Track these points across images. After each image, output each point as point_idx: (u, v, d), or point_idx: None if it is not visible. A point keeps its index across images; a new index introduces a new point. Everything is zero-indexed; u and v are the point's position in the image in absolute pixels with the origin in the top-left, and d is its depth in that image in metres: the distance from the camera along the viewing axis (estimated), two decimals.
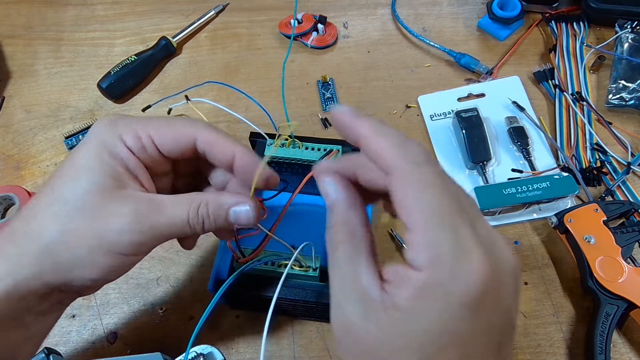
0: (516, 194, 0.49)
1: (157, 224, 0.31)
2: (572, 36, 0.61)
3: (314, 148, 0.45)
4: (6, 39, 0.67)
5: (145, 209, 0.30)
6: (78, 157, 0.31)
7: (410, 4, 0.67)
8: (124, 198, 0.30)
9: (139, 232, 0.30)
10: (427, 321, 0.23)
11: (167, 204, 0.31)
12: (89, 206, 0.30)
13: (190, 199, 0.32)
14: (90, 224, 0.30)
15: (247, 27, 0.67)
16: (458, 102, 0.58)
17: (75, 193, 0.30)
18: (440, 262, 0.23)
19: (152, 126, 0.32)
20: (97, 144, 0.31)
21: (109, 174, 0.30)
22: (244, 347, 0.46)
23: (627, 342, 0.45)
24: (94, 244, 0.30)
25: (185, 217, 0.31)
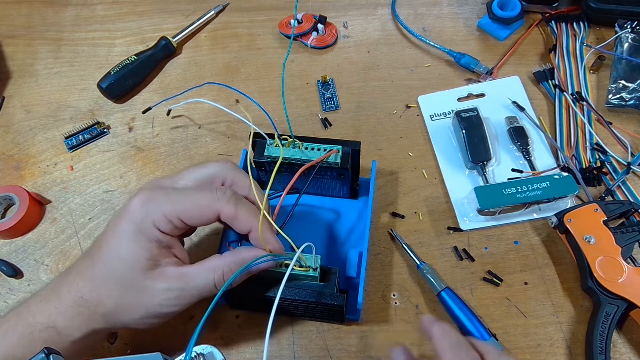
0: (516, 194, 0.49)
1: (188, 294, 0.38)
2: (572, 36, 0.61)
3: (313, 148, 0.45)
4: (6, 39, 0.67)
5: (176, 284, 0.38)
6: (120, 240, 0.38)
7: (410, 4, 0.67)
8: (159, 277, 0.38)
9: (174, 305, 0.38)
10: None
11: (194, 275, 0.38)
12: (134, 285, 0.37)
13: (213, 268, 0.38)
14: (138, 299, 0.38)
15: (247, 27, 0.67)
16: (458, 102, 0.58)
17: (123, 273, 0.37)
18: None
19: (180, 208, 0.38)
20: (134, 229, 0.38)
21: (146, 257, 0.37)
22: (244, 347, 0.46)
23: (627, 342, 0.45)
24: (143, 313, 0.38)
25: (212, 283, 0.38)
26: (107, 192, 0.55)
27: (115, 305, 0.38)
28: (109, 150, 0.58)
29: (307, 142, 0.45)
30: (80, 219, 0.54)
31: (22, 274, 0.51)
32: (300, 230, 0.49)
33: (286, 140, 0.45)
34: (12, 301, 0.49)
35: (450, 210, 0.52)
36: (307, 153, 0.44)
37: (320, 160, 0.43)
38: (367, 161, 0.53)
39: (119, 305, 0.38)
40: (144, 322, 0.39)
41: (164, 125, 0.59)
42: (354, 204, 0.51)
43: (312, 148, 0.45)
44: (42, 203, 0.55)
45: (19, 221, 0.51)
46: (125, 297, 0.37)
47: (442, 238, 0.51)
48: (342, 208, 0.51)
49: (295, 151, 0.45)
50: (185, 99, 0.58)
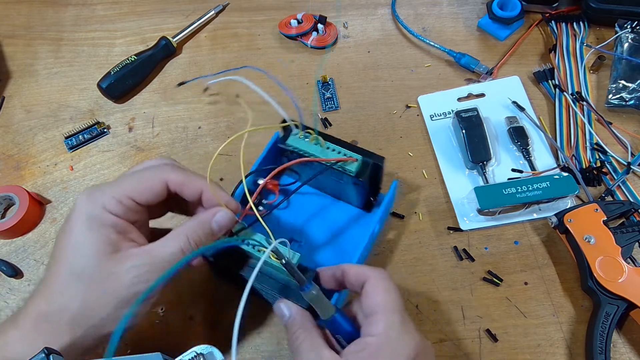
0: (516, 194, 0.49)
1: (158, 268, 0.35)
2: (572, 36, 0.61)
3: (334, 150, 0.44)
4: (6, 39, 0.67)
5: (143, 259, 0.35)
6: (74, 234, 0.36)
7: (410, 4, 0.67)
8: (123, 259, 0.35)
9: (146, 280, 0.35)
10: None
11: (160, 248, 0.36)
12: (97, 273, 0.35)
13: (177, 235, 0.37)
14: (105, 287, 0.34)
15: (247, 27, 0.67)
16: (458, 102, 0.58)
17: (82, 265, 0.35)
18: (392, 330, 0.34)
19: (127, 188, 0.37)
20: (86, 218, 0.36)
21: (104, 242, 0.35)
22: (244, 347, 0.46)
23: (627, 342, 0.45)
24: (115, 303, 0.35)
25: (179, 250, 0.36)
26: None
27: (82, 303, 0.34)
28: (109, 150, 0.58)
29: (331, 143, 0.45)
30: None
31: (22, 274, 0.51)
32: (305, 226, 0.49)
33: (310, 134, 0.45)
34: (12, 301, 0.49)
35: (450, 210, 0.52)
36: (326, 152, 0.44)
37: (327, 160, 0.43)
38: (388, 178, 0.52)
39: (87, 302, 0.34)
40: (120, 316, 0.35)
41: (164, 125, 0.59)
42: (366, 216, 0.50)
43: (334, 150, 0.44)
44: (42, 203, 0.55)
45: (19, 221, 0.51)
46: (92, 291, 0.34)
47: (442, 238, 0.51)
48: (353, 217, 0.50)
49: (316, 148, 0.44)
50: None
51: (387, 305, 0.35)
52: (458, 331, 0.46)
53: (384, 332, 0.34)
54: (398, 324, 0.34)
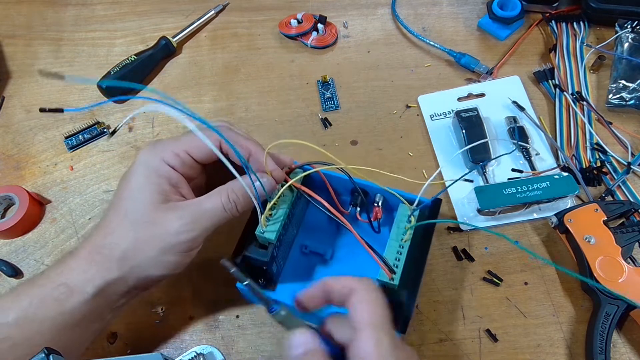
0: (516, 194, 0.49)
1: (201, 219, 0.39)
2: (572, 36, 0.61)
3: (400, 253, 0.41)
4: (6, 39, 0.67)
5: (188, 211, 0.38)
6: (133, 181, 0.39)
7: (410, 4, 0.67)
8: (172, 209, 0.39)
9: (189, 230, 0.38)
10: None
11: (203, 201, 0.39)
12: (148, 219, 0.38)
13: (219, 191, 0.39)
14: (153, 231, 0.38)
15: (247, 27, 0.67)
16: (458, 102, 0.58)
17: (136, 210, 0.39)
18: (382, 347, 0.32)
19: (185, 144, 0.40)
20: (144, 168, 0.40)
21: (157, 192, 0.39)
22: (244, 347, 0.46)
23: (627, 342, 0.45)
24: (160, 246, 0.38)
25: (220, 206, 0.39)
26: (107, 192, 0.55)
27: (132, 242, 0.38)
28: (109, 150, 0.58)
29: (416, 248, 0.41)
30: (80, 219, 0.54)
31: (22, 274, 0.51)
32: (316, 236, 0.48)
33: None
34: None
35: (450, 210, 0.52)
36: (394, 239, 0.41)
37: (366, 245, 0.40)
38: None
39: (136, 242, 0.38)
40: (162, 261, 0.38)
41: (164, 125, 0.59)
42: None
43: (399, 252, 0.41)
44: (42, 203, 0.55)
45: (19, 221, 0.51)
46: (141, 232, 0.38)
47: (442, 238, 0.50)
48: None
49: (400, 227, 0.41)
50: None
51: (376, 320, 0.33)
52: (458, 331, 0.46)
53: (375, 351, 0.32)
54: (388, 341, 0.33)
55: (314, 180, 0.46)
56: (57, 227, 0.53)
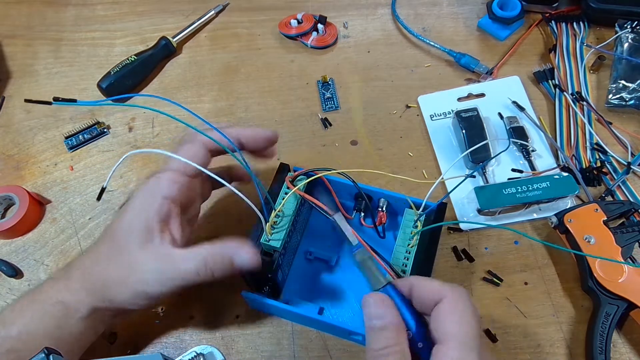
0: (516, 194, 0.49)
1: (172, 279, 0.38)
2: (572, 36, 0.61)
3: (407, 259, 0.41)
4: (6, 39, 0.67)
5: (164, 266, 0.38)
6: (126, 215, 0.40)
7: (410, 4, 0.67)
8: (152, 254, 0.39)
9: (160, 284, 0.38)
10: None
11: (180, 260, 0.39)
12: (128, 260, 0.39)
13: (197, 255, 0.39)
14: (129, 274, 0.39)
15: (247, 27, 0.67)
16: (458, 102, 0.58)
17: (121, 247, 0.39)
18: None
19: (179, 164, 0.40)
20: (139, 202, 0.40)
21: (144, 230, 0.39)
22: (244, 347, 0.46)
23: (627, 342, 0.45)
24: (133, 289, 0.39)
25: (194, 271, 0.38)
26: (107, 192, 0.55)
27: (110, 278, 0.39)
28: (109, 150, 0.58)
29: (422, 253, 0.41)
30: (80, 219, 0.54)
31: (22, 274, 0.51)
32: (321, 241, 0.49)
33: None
34: (12, 301, 0.49)
35: (450, 210, 0.52)
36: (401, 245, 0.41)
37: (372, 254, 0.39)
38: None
39: (114, 278, 0.39)
40: (134, 302, 0.39)
41: (164, 125, 0.59)
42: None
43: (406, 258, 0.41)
44: (42, 203, 0.55)
45: (19, 221, 0.51)
46: (120, 271, 0.39)
47: (442, 238, 0.50)
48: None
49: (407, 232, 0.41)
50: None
51: (464, 337, 0.31)
52: None
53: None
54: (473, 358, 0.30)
55: (317, 185, 0.46)
56: (57, 227, 0.53)
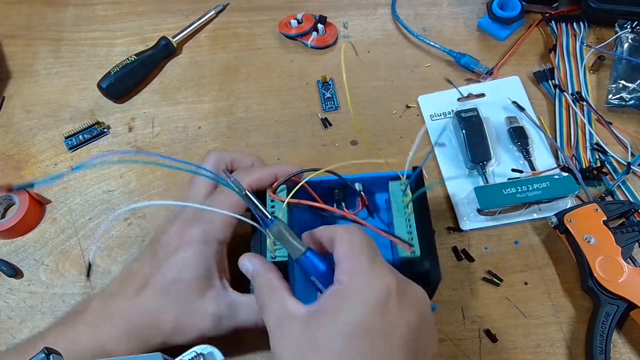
0: (516, 194, 0.49)
1: (232, 326, 0.39)
2: (572, 36, 0.61)
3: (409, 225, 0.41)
4: (6, 39, 0.67)
5: (225, 313, 0.39)
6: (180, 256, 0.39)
7: (410, 4, 0.67)
8: (213, 302, 0.39)
9: (218, 330, 0.39)
10: (345, 316, 0.30)
11: (241, 309, 0.39)
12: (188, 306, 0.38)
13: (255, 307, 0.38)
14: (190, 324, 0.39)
15: (247, 27, 0.67)
16: (458, 102, 0.58)
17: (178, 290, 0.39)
18: (358, 277, 0.32)
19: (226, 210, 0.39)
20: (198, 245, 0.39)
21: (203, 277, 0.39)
22: (244, 347, 0.46)
23: (627, 342, 0.45)
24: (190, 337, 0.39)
25: (254, 323, 0.39)
26: (107, 192, 0.55)
27: (164, 327, 0.39)
28: (109, 151, 0.58)
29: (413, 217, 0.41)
30: (80, 219, 0.54)
31: (22, 274, 0.51)
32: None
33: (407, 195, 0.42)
34: (12, 301, 0.49)
35: (450, 210, 0.52)
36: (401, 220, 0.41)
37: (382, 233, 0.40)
38: None
39: (167, 328, 0.38)
40: (185, 343, 0.39)
41: (164, 125, 0.59)
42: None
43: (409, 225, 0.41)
44: (42, 203, 0.55)
45: (19, 221, 0.51)
46: (175, 319, 0.38)
47: (442, 238, 0.50)
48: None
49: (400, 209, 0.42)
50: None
51: (353, 251, 0.33)
52: (458, 331, 0.46)
53: (349, 279, 0.32)
54: (364, 269, 0.32)
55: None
56: (57, 227, 0.53)
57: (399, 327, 0.31)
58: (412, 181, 0.42)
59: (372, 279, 0.32)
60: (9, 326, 0.48)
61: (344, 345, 0.30)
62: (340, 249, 0.34)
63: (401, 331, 0.31)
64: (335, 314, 0.31)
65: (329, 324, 0.31)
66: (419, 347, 0.31)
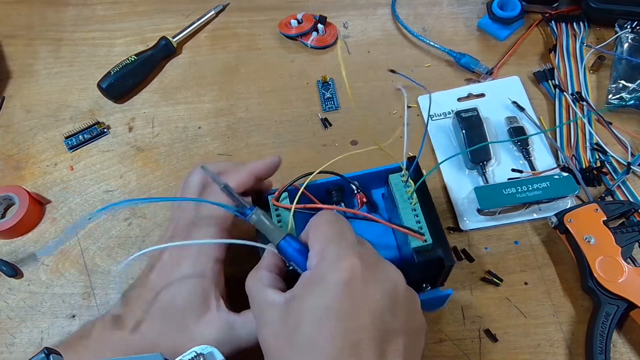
0: (516, 194, 0.49)
1: (232, 348, 0.38)
2: (572, 36, 0.61)
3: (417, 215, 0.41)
4: (6, 39, 0.67)
5: (224, 336, 0.38)
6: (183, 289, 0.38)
7: (410, 4, 0.67)
8: (211, 325, 0.38)
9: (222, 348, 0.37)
10: (313, 300, 0.31)
11: (240, 328, 0.38)
12: (191, 333, 0.38)
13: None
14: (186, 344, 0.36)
15: (247, 27, 0.67)
16: (458, 102, 0.58)
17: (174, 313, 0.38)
18: (324, 260, 0.32)
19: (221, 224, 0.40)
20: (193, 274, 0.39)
21: (199, 301, 0.38)
22: None
23: (627, 342, 0.45)
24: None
25: (254, 342, 0.37)
26: (107, 192, 0.55)
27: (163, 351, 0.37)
28: (109, 150, 0.58)
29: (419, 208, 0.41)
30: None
31: (22, 274, 0.51)
32: None
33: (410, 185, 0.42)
34: (12, 301, 0.49)
35: (450, 210, 0.52)
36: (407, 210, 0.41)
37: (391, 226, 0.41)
38: None
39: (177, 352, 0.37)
40: None
41: (164, 125, 0.59)
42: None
43: (416, 215, 0.41)
44: (42, 203, 0.55)
45: (19, 221, 0.51)
46: (175, 345, 0.38)
47: None
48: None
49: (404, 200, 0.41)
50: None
51: (318, 235, 0.34)
52: (458, 331, 0.46)
53: (317, 262, 0.33)
54: (331, 251, 0.33)
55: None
56: (57, 227, 0.53)
57: (365, 305, 0.31)
58: (412, 172, 0.42)
59: (338, 261, 0.32)
60: (9, 326, 0.48)
61: (314, 328, 0.31)
62: (310, 235, 0.35)
63: (367, 309, 0.31)
64: (304, 299, 0.32)
65: (299, 308, 0.32)
66: (390, 325, 0.31)
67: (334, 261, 0.32)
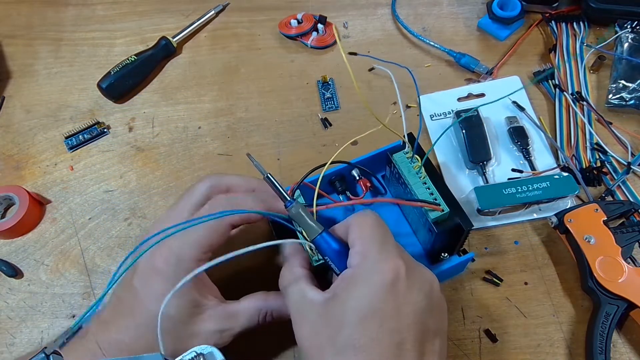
0: (516, 194, 0.49)
1: (236, 331, 0.38)
2: (572, 36, 0.61)
3: (428, 188, 0.42)
4: (6, 39, 0.67)
5: (226, 325, 0.38)
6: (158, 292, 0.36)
7: (410, 4, 0.67)
8: (208, 320, 0.38)
9: (225, 342, 0.38)
10: (357, 300, 0.32)
11: (241, 315, 0.39)
12: (182, 333, 0.37)
13: (258, 309, 0.39)
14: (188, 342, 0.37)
15: (247, 27, 0.67)
16: (458, 102, 0.58)
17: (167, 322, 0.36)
18: (366, 260, 0.33)
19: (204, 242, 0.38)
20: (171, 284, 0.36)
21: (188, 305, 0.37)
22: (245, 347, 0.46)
23: (627, 342, 0.45)
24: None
25: (256, 322, 0.39)
26: (107, 192, 0.55)
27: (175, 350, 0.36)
28: (109, 150, 0.58)
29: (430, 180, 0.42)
30: (80, 219, 0.54)
31: (22, 274, 0.51)
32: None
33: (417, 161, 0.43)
34: (12, 301, 0.49)
35: None
36: (419, 185, 0.42)
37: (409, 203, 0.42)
38: None
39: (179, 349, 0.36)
40: None
41: (164, 125, 0.59)
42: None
43: (428, 187, 0.42)
44: (42, 203, 0.55)
45: (19, 221, 0.51)
46: (182, 340, 0.37)
47: None
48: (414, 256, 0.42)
49: (414, 176, 0.42)
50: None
51: (363, 235, 0.34)
52: (458, 331, 0.46)
53: (360, 262, 0.33)
54: (375, 252, 0.33)
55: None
56: (57, 227, 0.53)
57: (408, 306, 0.32)
58: (416, 148, 0.43)
59: (382, 262, 0.33)
60: (9, 326, 0.48)
61: (358, 328, 0.31)
62: (352, 233, 0.35)
63: (410, 310, 0.32)
64: (346, 298, 0.32)
65: (341, 307, 0.32)
66: (428, 326, 0.33)
67: (377, 262, 0.33)
